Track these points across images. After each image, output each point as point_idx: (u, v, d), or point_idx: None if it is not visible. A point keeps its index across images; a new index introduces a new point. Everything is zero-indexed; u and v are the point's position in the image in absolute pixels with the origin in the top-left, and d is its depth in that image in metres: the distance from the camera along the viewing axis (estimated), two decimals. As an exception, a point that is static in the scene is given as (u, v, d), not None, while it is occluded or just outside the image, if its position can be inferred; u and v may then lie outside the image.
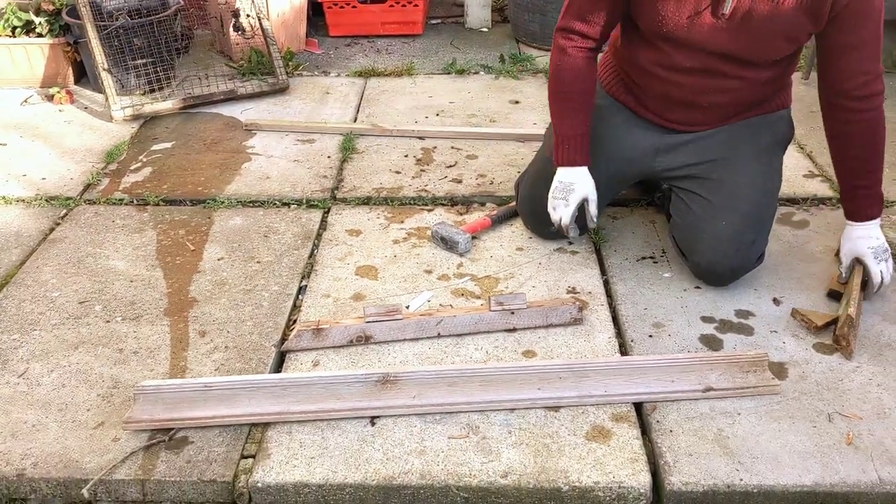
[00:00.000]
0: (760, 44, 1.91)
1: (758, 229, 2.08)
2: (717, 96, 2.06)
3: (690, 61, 1.97)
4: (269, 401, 1.70)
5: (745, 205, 2.06)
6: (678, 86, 2.04)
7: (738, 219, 2.04)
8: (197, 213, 2.53)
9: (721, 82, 2.01)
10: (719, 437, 1.65)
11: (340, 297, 2.10)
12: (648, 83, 2.10)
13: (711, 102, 2.07)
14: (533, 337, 1.96)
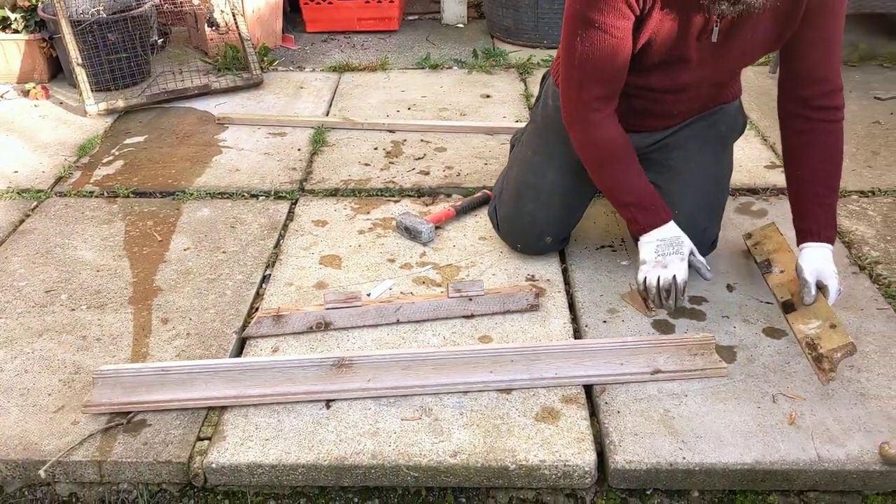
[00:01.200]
0: (742, 59, 1.94)
1: (709, 217, 2.12)
2: (691, 104, 2.07)
3: (672, 83, 1.94)
4: (226, 385, 1.73)
5: (696, 194, 2.09)
6: (654, 101, 2.03)
7: (691, 206, 2.07)
8: (166, 204, 2.56)
9: (697, 92, 2.03)
10: (665, 418, 1.69)
11: (303, 286, 2.14)
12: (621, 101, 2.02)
13: (680, 110, 2.08)
14: (490, 323, 2.00)
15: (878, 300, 2.06)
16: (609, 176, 1.95)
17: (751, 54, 1.92)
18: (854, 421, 1.68)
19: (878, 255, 2.23)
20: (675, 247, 1.87)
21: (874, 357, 1.86)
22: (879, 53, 3.74)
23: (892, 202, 2.51)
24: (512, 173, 2.26)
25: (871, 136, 2.96)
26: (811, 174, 1.92)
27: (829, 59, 1.87)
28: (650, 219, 1.90)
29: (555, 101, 2.17)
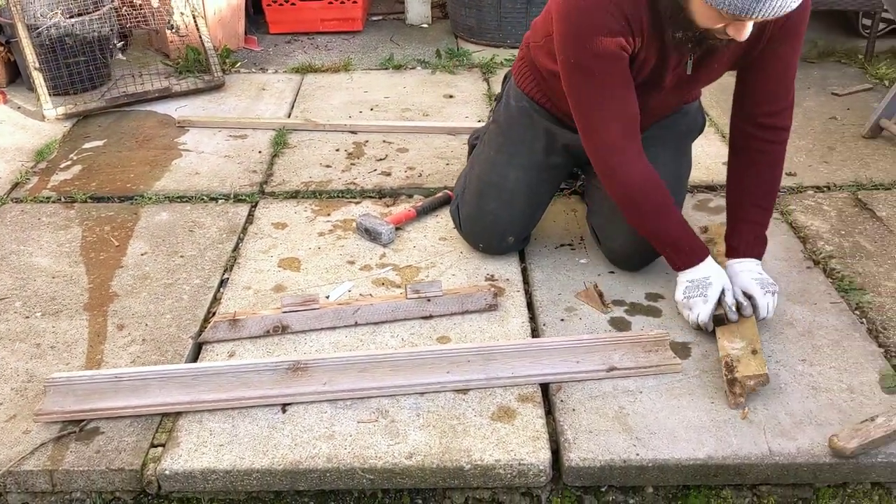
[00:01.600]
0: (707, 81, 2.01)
1: None
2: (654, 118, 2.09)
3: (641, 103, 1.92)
4: (180, 390, 1.72)
5: None
6: None
7: None
8: (124, 209, 2.54)
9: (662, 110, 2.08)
10: (620, 415, 1.70)
11: (261, 289, 2.13)
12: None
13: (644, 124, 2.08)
14: (449, 323, 2.00)
15: (831, 294, 2.08)
16: (646, 219, 1.95)
17: (716, 76, 1.98)
18: (806, 414, 1.70)
19: (832, 250, 2.26)
20: (701, 289, 1.89)
21: (826, 351, 1.88)
22: (837, 50, 3.80)
23: (847, 197, 2.54)
24: (474, 172, 2.26)
25: (827, 132, 3.00)
26: (747, 193, 2.00)
27: (783, 82, 1.92)
28: (684, 260, 1.93)
29: (517, 102, 2.20)
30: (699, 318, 1.90)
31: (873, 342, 1.92)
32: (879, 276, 2.15)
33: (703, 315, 1.89)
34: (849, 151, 2.84)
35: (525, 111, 2.18)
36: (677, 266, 1.95)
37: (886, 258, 2.22)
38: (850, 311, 2.02)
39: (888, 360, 1.86)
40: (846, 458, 1.58)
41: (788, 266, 2.20)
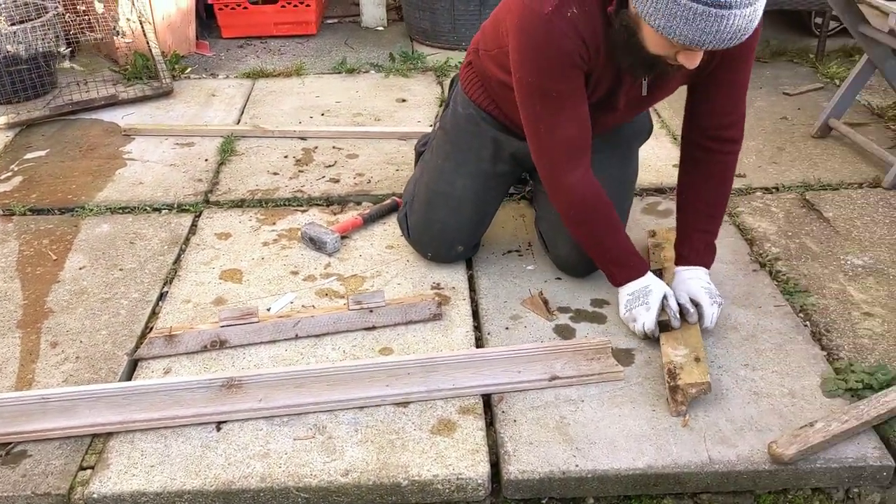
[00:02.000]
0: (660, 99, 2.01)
1: None
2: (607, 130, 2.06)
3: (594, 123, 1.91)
4: (111, 410, 1.67)
5: None
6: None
7: None
8: (64, 221, 2.48)
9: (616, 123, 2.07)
10: (561, 425, 1.68)
11: (201, 303, 2.08)
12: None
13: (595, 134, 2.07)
14: (392, 334, 1.97)
15: (776, 297, 2.08)
16: (588, 234, 1.96)
17: (670, 92, 1.99)
18: (746, 420, 1.69)
19: (778, 252, 2.26)
20: (642, 298, 1.90)
21: (769, 355, 1.88)
22: (789, 49, 3.81)
23: (795, 198, 2.55)
24: (422, 181, 2.23)
25: (777, 132, 3.01)
26: (697, 202, 1.99)
27: (734, 96, 1.92)
28: (625, 275, 1.94)
29: (464, 109, 2.17)
30: (644, 326, 1.89)
31: (816, 345, 1.91)
32: (824, 278, 2.15)
33: (649, 323, 1.89)
34: (798, 152, 2.85)
35: (472, 118, 2.15)
36: (617, 281, 1.96)
37: (832, 259, 2.23)
38: (794, 313, 2.02)
39: (830, 363, 1.86)
40: (785, 464, 1.58)
41: (735, 269, 2.19)
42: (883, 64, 2.76)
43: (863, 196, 2.54)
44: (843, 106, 2.90)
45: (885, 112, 3.12)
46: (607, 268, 1.98)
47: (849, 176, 2.68)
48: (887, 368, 1.80)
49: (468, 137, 2.16)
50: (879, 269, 2.18)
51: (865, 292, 2.09)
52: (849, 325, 1.98)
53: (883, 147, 2.76)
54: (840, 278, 2.15)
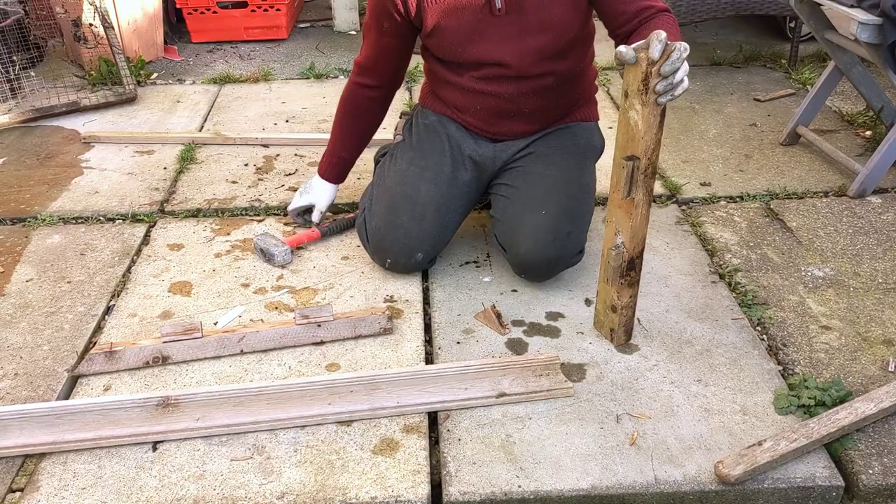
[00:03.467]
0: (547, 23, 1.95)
1: (574, 221, 2.08)
2: (537, 100, 2.08)
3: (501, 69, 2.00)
4: (42, 430, 1.63)
5: (561, 196, 2.07)
6: (498, 97, 2.07)
7: (554, 209, 2.05)
8: (14, 232, 2.43)
9: (537, 82, 2.04)
10: (506, 444, 1.64)
11: (147, 316, 2.04)
12: (471, 101, 2.12)
13: (532, 108, 2.09)
14: (340, 349, 1.93)
15: (733, 310, 2.05)
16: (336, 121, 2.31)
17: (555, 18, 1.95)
18: (696, 439, 1.65)
19: (738, 263, 2.23)
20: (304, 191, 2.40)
21: (723, 370, 1.84)
22: (762, 54, 3.79)
23: (759, 207, 2.52)
24: (384, 184, 2.20)
25: (745, 140, 2.97)
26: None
27: None
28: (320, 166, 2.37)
29: (423, 119, 2.24)
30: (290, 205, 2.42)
31: (772, 360, 1.88)
32: (784, 290, 2.12)
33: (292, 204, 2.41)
34: (765, 159, 2.82)
35: (432, 126, 2.21)
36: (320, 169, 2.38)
37: (793, 271, 2.19)
38: (751, 327, 1.98)
39: (785, 378, 1.82)
40: (731, 484, 1.54)
41: (693, 281, 2.16)
42: (850, 70, 2.73)
43: (827, 205, 2.51)
44: (812, 113, 2.87)
45: (855, 119, 3.09)
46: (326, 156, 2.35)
47: (815, 184, 2.64)
48: (841, 384, 1.76)
49: (429, 145, 2.18)
50: (840, 281, 2.14)
51: (824, 305, 2.06)
52: (806, 338, 1.94)
53: (850, 155, 2.73)
54: (800, 290, 2.12)
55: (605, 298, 1.88)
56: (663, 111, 1.60)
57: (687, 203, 2.56)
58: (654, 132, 1.60)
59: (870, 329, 1.97)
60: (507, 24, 1.95)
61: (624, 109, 1.62)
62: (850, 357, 1.88)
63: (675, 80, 1.53)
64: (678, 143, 2.93)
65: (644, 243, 1.78)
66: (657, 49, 1.50)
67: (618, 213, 1.75)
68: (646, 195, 1.68)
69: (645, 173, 1.65)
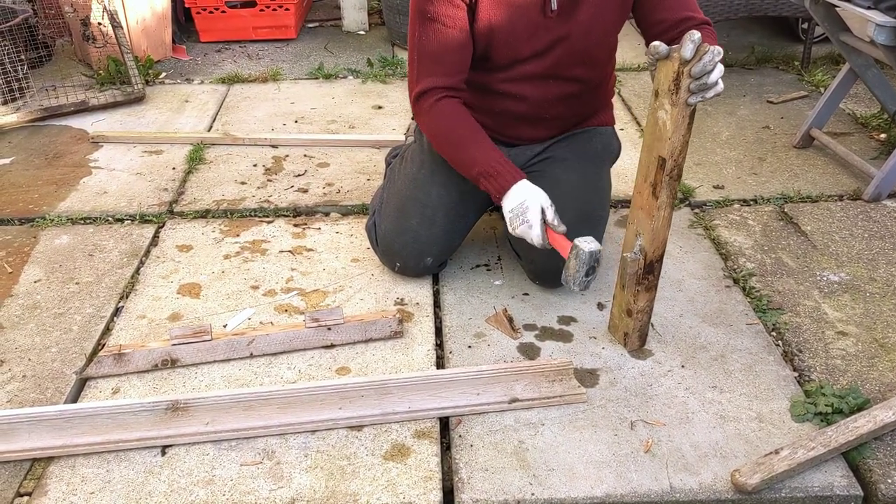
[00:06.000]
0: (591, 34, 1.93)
1: (590, 226, 2.05)
2: (559, 107, 2.06)
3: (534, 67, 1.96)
4: (51, 434, 1.61)
5: (578, 202, 2.05)
6: (522, 100, 2.03)
7: (571, 214, 2.02)
8: (23, 232, 2.41)
9: (563, 87, 2.02)
10: (519, 450, 1.62)
11: (156, 318, 2.02)
12: (491, 103, 2.06)
13: (554, 115, 2.07)
14: (351, 353, 1.91)
15: (748, 315, 2.02)
16: (455, 150, 1.95)
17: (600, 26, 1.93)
18: (711, 446, 1.63)
19: (753, 267, 2.20)
20: (521, 216, 1.85)
21: (738, 376, 1.82)
22: (775, 56, 3.76)
23: (773, 210, 2.49)
24: (395, 187, 2.18)
25: (759, 142, 2.95)
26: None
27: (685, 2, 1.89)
28: (497, 186, 1.88)
29: None
30: (535, 242, 1.85)
31: (787, 366, 1.85)
32: (799, 295, 2.09)
33: (537, 239, 1.85)
34: (779, 162, 2.79)
35: None
36: (495, 194, 1.90)
37: (807, 275, 2.17)
38: (766, 332, 1.96)
39: (801, 385, 1.80)
40: (748, 493, 1.52)
41: (707, 285, 2.13)
42: (864, 73, 2.70)
43: (842, 209, 2.48)
44: (826, 115, 2.84)
45: (869, 121, 3.06)
46: (482, 184, 1.91)
47: (829, 187, 2.62)
48: (859, 392, 1.74)
49: None
50: (855, 286, 2.12)
51: (840, 310, 2.03)
52: (822, 344, 1.92)
53: (865, 158, 2.70)
54: (815, 295, 2.09)
55: (622, 302, 1.86)
56: (693, 112, 1.57)
57: (700, 206, 2.53)
58: (683, 133, 1.58)
59: (887, 335, 1.94)
60: (555, 27, 1.91)
61: (653, 109, 1.60)
62: (867, 363, 1.85)
63: (708, 81, 1.50)
64: (690, 145, 2.89)
65: (664, 247, 1.75)
66: (689, 49, 1.47)
67: (639, 215, 1.72)
68: (669, 197, 1.66)
69: (670, 175, 1.62)
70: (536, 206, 1.83)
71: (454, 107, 1.94)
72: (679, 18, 1.89)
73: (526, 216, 1.84)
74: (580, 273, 1.74)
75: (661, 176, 1.63)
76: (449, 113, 1.93)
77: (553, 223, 1.83)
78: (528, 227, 1.84)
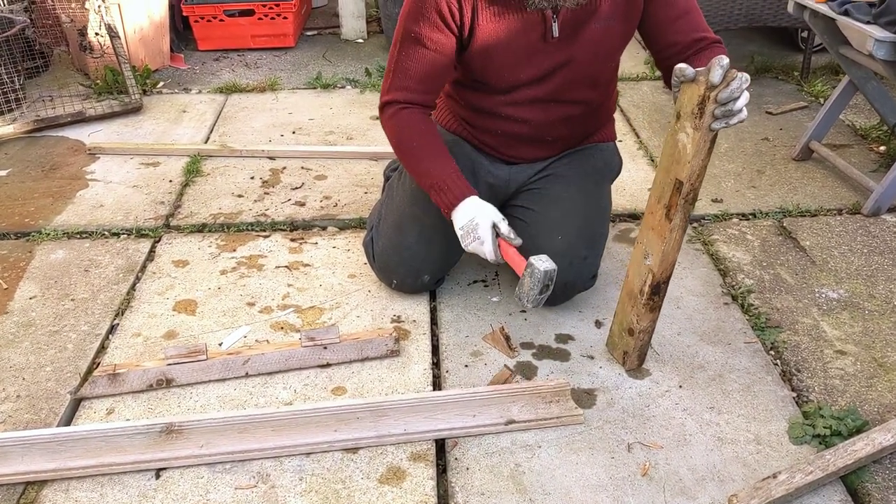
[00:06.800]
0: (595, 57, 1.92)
1: (590, 245, 2.05)
2: (562, 128, 2.05)
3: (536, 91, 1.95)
4: (45, 457, 1.60)
5: (578, 220, 2.04)
6: (524, 122, 2.02)
7: (572, 232, 2.02)
8: (18, 247, 2.40)
9: (566, 109, 2.01)
10: (515, 473, 1.61)
11: (151, 336, 2.01)
12: (493, 124, 2.06)
13: (556, 136, 2.06)
14: (346, 372, 1.90)
15: (746, 333, 2.01)
16: (411, 160, 1.94)
17: (604, 50, 1.92)
18: (709, 469, 1.62)
19: (752, 284, 2.19)
20: (472, 232, 1.86)
21: (736, 397, 1.81)
22: (775, 65, 3.75)
23: (772, 225, 2.48)
24: (394, 203, 2.16)
25: (758, 154, 2.94)
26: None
27: (696, 23, 1.89)
28: (447, 200, 1.88)
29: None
30: (489, 258, 1.87)
31: (786, 386, 1.84)
32: (797, 312, 2.08)
33: (490, 255, 1.86)
34: (778, 175, 2.78)
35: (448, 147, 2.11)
36: (444, 209, 1.90)
37: (806, 292, 2.16)
38: (764, 351, 1.95)
39: (799, 405, 1.79)
40: (746, 519, 1.51)
41: (705, 302, 2.12)
42: (864, 85, 2.69)
43: (841, 223, 2.47)
44: (825, 128, 2.83)
45: (869, 133, 3.05)
46: (434, 196, 1.90)
47: (828, 201, 2.61)
48: (857, 413, 1.73)
49: None
50: (854, 303, 2.11)
51: (839, 328, 2.02)
52: (820, 364, 1.91)
53: (864, 171, 2.69)
54: (814, 312, 2.08)
55: (623, 320, 1.85)
56: (714, 138, 1.55)
57: (698, 220, 2.52)
58: (703, 158, 1.56)
59: (886, 354, 1.93)
60: (557, 52, 1.89)
61: (673, 131, 1.59)
62: (865, 384, 1.84)
63: (734, 108, 1.49)
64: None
65: (673, 268, 1.74)
66: (718, 74, 1.45)
67: (650, 235, 1.71)
68: (683, 220, 1.65)
69: (686, 199, 1.61)
70: (487, 222, 1.84)
71: (416, 116, 1.93)
72: (693, 39, 1.89)
73: (477, 232, 1.85)
74: (534, 291, 1.74)
75: (677, 199, 1.61)
76: (409, 123, 1.93)
77: (509, 236, 1.84)
78: (479, 244, 1.86)
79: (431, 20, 1.82)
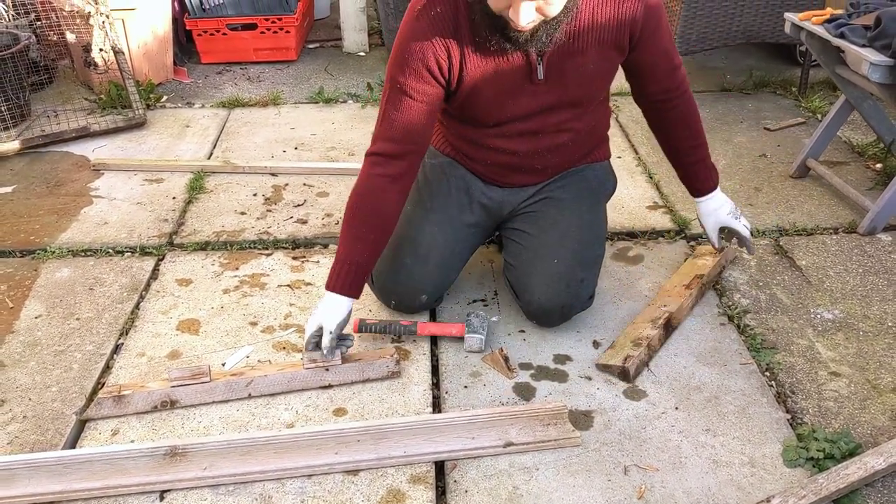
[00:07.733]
0: (580, 93, 1.96)
1: (586, 267, 2.08)
2: (550, 157, 2.08)
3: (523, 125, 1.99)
4: (51, 479, 1.63)
5: (574, 242, 2.07)
6: (513, 153, 2.05)
7: (569, 255, 2.04)
8: (24, 265, 2.43)
9: (553, 139, 2.03)
10: (513, 496, 1.64)
11: (155, 356, 2.04)
12: (483, 155, 2.09)
13: (545, 164, 2.09)
14: (348, 393, 1.93)
15: (742, 354, 2.04)
16: (344, 225, 1.94)
17: (592, 88, 1.98)
18: (704, 492, 1.65)
19: (748, 304, 2.22)
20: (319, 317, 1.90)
21: (731, 419, 1.83)
22: (773, 80, 3.77)
23: (769, 243, 2.51)
24: None
25: (755, 171, 2.96)
26: (678, 144, 2.17)
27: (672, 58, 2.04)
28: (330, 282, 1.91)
29: (432, 159, 2.18)
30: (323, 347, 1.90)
31: (780, 408, 1.87)
32: (793, 333, 2.11)
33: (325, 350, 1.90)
34: (775, 192, 2.81)
35: (441, 167, 2.17)
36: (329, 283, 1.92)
37: (802, 312, 2.18)
38: (760, 373, 1.98)
39: (793, 427, 1.81)
40: (739, 543, 1.53)
41: (702, 322, 2.15)
42: (861, 104, 2.72)
43: (837, 242, 2.50)
44: (822, 146, 2.86)
45: (865, 150, 3.08)
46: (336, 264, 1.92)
47: (825, 220, 2.63)
48: (850, 436, 1.76)
49: (437, 186, 2.15)
50: (849, 324, 2.13)
51: (834, 349, 2.05)
52: (815, 385, 1.93)
53: (860, 189, 2.72)
54: (809, 333, 2.11)
55: (631, 332, 2.04)
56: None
57: (696, 238, 2.55)
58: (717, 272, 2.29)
59: (879, 376, 1.96)
60: (543, 94, 1.92)
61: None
62: (859, 406, 1.87)
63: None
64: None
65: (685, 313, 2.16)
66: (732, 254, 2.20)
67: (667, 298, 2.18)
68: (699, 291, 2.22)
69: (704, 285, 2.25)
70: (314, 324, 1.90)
71: (378, 189, 1.91)
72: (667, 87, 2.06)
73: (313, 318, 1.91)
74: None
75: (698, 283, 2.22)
76: (365, 197, 1.92)
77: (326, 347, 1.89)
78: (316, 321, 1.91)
79: (418, 72, 1.83)
